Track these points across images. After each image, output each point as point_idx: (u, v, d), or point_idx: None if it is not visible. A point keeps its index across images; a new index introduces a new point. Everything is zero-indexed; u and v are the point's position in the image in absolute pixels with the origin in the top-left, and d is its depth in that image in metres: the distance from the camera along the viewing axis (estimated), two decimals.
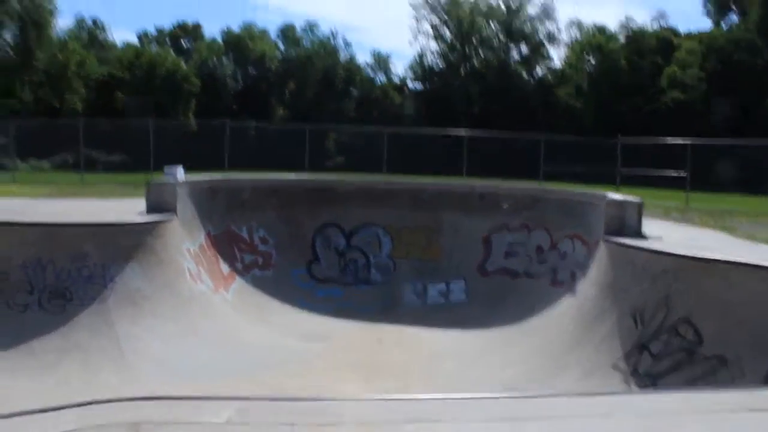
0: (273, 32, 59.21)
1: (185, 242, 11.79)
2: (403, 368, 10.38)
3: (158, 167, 19.73)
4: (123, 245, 10.19)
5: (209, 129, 35.09)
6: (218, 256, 13.00)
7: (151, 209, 11.72)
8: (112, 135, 35.30)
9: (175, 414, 3.70)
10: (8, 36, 43.86)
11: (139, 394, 8.06)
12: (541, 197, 14.09)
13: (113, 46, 53.24)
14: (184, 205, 12.09)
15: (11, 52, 43.77)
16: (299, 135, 30.29)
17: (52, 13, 44.54)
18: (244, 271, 13.51)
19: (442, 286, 14.33)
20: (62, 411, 3.65)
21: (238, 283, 13.11)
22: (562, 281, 12.26)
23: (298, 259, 14.54)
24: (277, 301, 13.28)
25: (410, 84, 57.46)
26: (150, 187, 11.82)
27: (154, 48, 52.75)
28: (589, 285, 10.63)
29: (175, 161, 14.04)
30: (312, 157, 28.50)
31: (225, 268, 13.06)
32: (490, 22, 55.42)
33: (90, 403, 3.73)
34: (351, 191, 15.44)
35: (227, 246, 13.45)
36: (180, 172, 12.80)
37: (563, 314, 10.81)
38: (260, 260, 14.04)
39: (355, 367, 10.37)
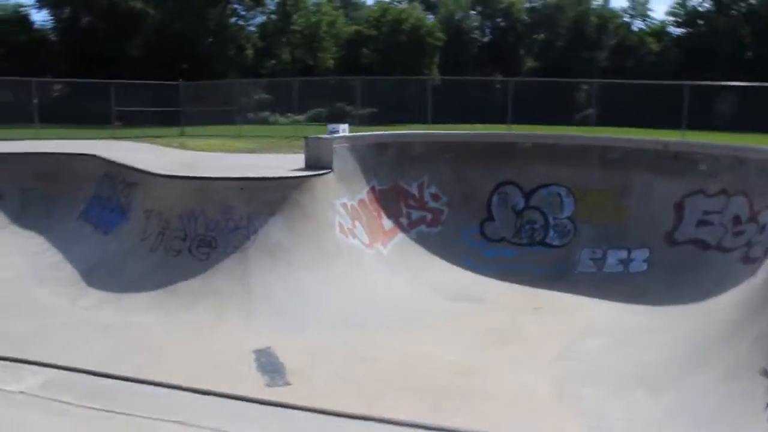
0: None
1: (340, 197, 11.99)
2: (540, 341, 9.44)
3: (402, 120, 19.85)
4: (268, 199, 10.68)
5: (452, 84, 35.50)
6: (381, 211, 13.04)
7: (308, 164, 12.12)
8: (362, 90, 37.41)
9: None
10: (271, 4, 48.73)
11: (254, 340, 8.63)
12: (747, 158, 11.59)
13: (362, 5, 55.97)
14: (343, 160, 12.28)
15: (274, 17, 48.78)
16: (548, 87, 29.13)
17: None
18: (409, 227, 13.38)
19: (622, 253, 12.69)
20: None
21: (400, 238, 13.04)
22: (755, 258, 10.03)
23: (470, 218, 13.97)
24: (438, 259, 12.97)
25: (671, 30, 51.33)
26: (308, 142, 12.19)
27: (401, 4, 54.27)
28: None
29: (417, 115, 14.18)
30: (560, 109, 27.10)
31: (387, 223, 13.06)
32: None
33: None
34: (532, 148, 14.32)
35: (393, 201, 13.42)
36: (343, 129, 12.99)
37: (734, 298, 8.88)
38: (429, 217, 13.78)
39: (489, 334, 9.70)
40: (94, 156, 13.74)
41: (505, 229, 13.93)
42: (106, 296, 9.88)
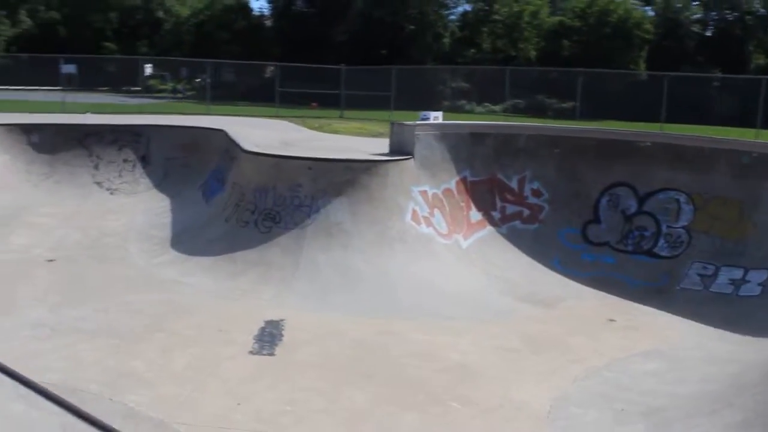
0: None
1: (421, 184, 11.90)
2: (581, 357, 8.64)
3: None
4: (334, 180, 10.97)
5: (657, 80, 32.91)
6: (470, 202, 12.69)
7: (392, 150, 12.17)
8: (565, 83, 36.07)
9: None
10: None
11: (276, 311, 8.98)
12: None
13: None
14: (428, 147, 12.14)
15: (479, 5, 48.76)
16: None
17: None
18: (500, 221, 12.86)
19: (737, 272, 11.02)
20: None
21: (488, 232, 12.60)
22: None
23: (573, 218, 13.03)
24: (525, 257, 12.34)
25: None
26: (392, 128, 12.22)
27: None
28: None
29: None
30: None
31: (476, 215, 12.67)
32: None
33: None
34: (653, 148, 12.92)
35: (487, 193, 12.97)
36: (435, 116, 12.79)
37: None
38: (526, 213, 13.09)
39: (530, 341, 9.07)
40: (222, 131, 14.97)
41: (611, 233, 12.79)
42: (177, 257, 10.93)
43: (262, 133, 15.17)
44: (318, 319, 8.87)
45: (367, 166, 11.18)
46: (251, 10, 58.31)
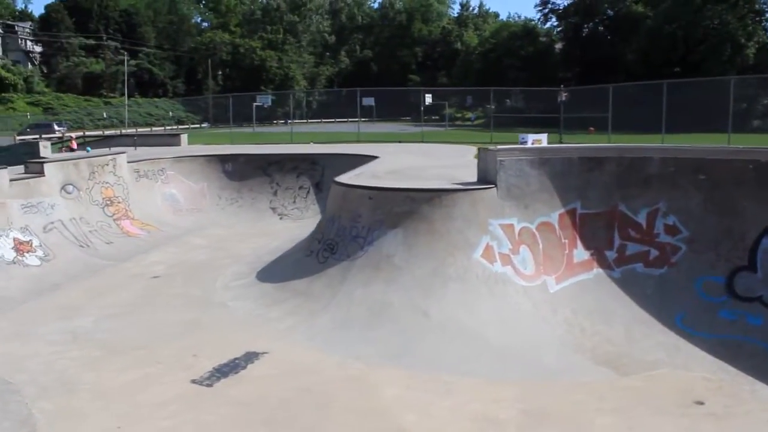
0: None
1: (505, 216, 10.55)
2: None
3: None
4: (394, 211, 10.37)
5: None
6: (576, 239, 10.81)
7: (479, 178, 11.05)
8: None
9: None
10: None
11: (269, 344, 8.84)
12: None
13: None
14: (520, 175, 10.71)
15: None
16: None
17: None
18: (616, 262, 10.67)
19: None
20: None
21: (594, 275, 10.56)
22: None
23: (717, 262, 10.19)
24: (639, 309, 10.05)
25: None
26: (479, 154, 11.06)
27: None
28: None
29: None
30: None
31: (582, 254, 10.73)
32: None
33: None
34: None
35: (603, 229, 10.88)
36: (535, 139, 11.21)
37: None
38: (654, 253, 10.63)
39: (529, 415, 7.37)
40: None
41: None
42: (250, 282, 11.48)
43: (428, 162, 15.08)
44: (304, 357, 8.46)
45: (430, 196, 10.30)
46: (538, 35, 57.92)
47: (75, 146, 28.70)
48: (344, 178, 12.17)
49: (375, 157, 16.48)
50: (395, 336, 9.04)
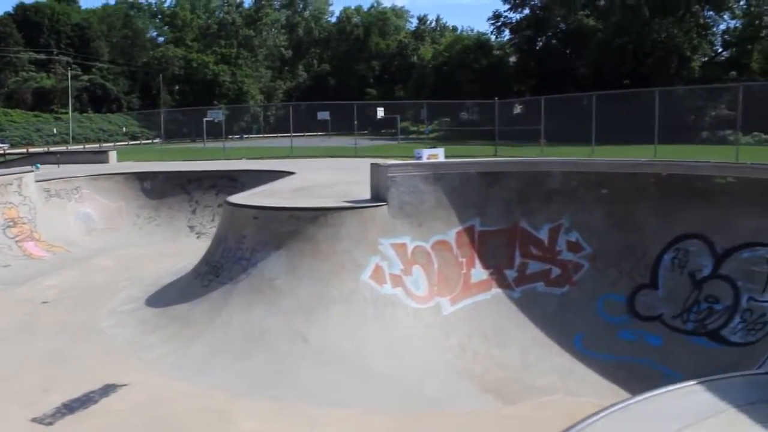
0: None
1: (396, 235, 10.00)
2: None
3: None
4: (278, 231, 9.77)
5: None
6: (475, 258, 10.30)
7: (372, 195, 10.49)
8: None
9: None
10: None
11: (135, 375, 8.16)
12: None
13: None
14: (414, 192, 10.18)
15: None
16: None
17: None
18: (516, 282, 10.19)
19: None
20: None
21: (492, 295, 10.06)
22: None
23: (620, 280, 9.79)
24: (537, 331, 9.57)
25: None
26: (371, 170, 10.52)
27: None
28: None
29: None
30: None
31: (479, 273, 10.23)
32: None
33: None
34: (737, 186, 9.18)
35: (503, 246, 10.41)
36: (430, 154, 10.69)
37: None
38: (556, 272, 10.18)
39: None
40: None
41: (670, 303, 9.33)
42: (138, 306, 10.70)
43: (343, 177, 14.49)
44: (165, 389, 7.78)
45: (315, 215, 9.70)
46: (492, 48, 58.13)
47: None
48: (236, 197, 11.51)
49: (292, 173, 15.84)
50: (269, 364, 8.40)
